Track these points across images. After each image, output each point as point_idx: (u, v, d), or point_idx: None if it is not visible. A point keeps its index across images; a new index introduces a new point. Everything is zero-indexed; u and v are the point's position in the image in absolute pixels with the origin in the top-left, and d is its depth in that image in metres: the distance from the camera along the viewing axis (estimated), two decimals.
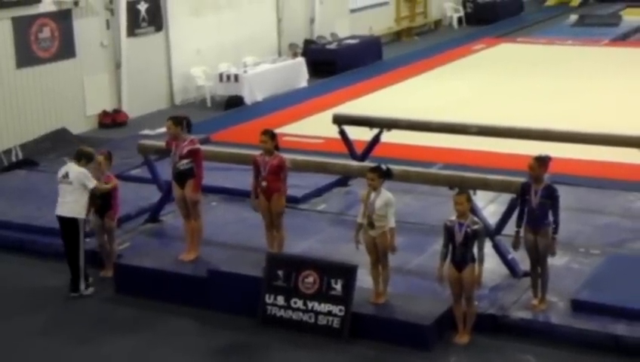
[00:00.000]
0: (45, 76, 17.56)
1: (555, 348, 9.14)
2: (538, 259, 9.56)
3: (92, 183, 10.71)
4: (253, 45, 22.67)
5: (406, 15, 30.50)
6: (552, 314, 9.50)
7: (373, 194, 9.52)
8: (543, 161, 9.53)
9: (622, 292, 9.61)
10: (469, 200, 9.27)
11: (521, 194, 9.61)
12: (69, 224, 10.72)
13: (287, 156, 10.82)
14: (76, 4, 17.92)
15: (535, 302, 9.61)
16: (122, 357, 9.47)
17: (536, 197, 9.39)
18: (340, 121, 14.39)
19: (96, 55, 18.72)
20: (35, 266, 11.84)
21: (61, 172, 10.91)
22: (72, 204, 10.69)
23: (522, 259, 10.11)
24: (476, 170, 12.40)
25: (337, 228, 12.15)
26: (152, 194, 12.69)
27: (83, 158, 10.89)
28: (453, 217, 9.17)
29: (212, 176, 12.53)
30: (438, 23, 32.08)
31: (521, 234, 9.56)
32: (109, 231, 11.25)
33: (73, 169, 10.79)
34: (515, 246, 9.68)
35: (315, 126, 17.58)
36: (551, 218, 9.41)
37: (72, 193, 10.69)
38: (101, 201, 11.10)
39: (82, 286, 10.80)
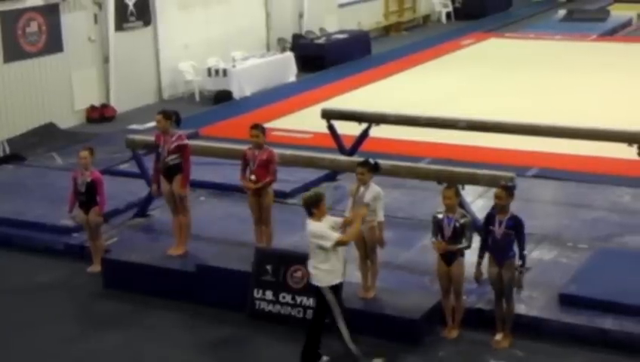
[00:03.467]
0: (33, 71, 17.50)
1: (543, 342, 9.15)
2: (503, 292, 9.05)
3: (329, 241, 8.58)
4: (241, 40, 22.63)
5: (395, 10, 30.51)
6: (540, 309, 9.52)
7: (362, 189, 9.51)
8: (511, 191, 9.10)
9: (610, 286, 9.63)
10: (458, 194, 9.27)
11: (485, 224, 9.11)
12: (317, 292, 8.85)
13: (275, 150, 10.81)
14: None
15: (499, 337, 9.18)
16: (110, 352, 9.44)
17: (500, 227, 8.89)
18: (328, 115, 14.38)
19: (84, 49, 18.67)
20: (23, 261, 11.79)
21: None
22: (313, 269, 8.80)
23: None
24: (465, 164, 12.41)
25: None
26: (141, 189, 12.64)
27: (312, 208, 8.67)
28: (441, 210, 9.16)
29: (200, 171, 12.52)
30: (426, 18, 32.10)
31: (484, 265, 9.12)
32: (95, 226, 11.20)
33: (310, 226, 8.73)
34: (477, 278, 9.17)
35: (304, 120, 17.56)
36: (516, 249, 8.94)
37: (315, 257, 8.75)
38: (85, 197, 11.07)
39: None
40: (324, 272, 8.68)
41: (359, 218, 8.88)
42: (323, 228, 8.63)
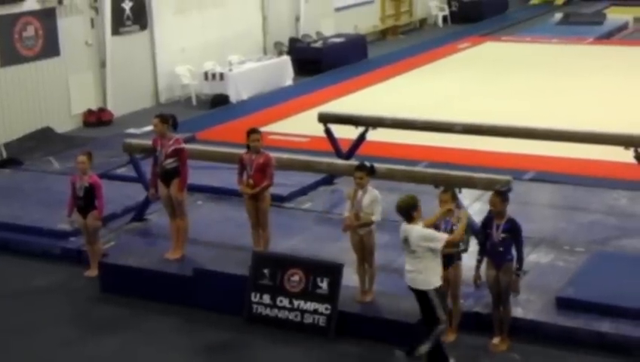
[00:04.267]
0: (30, 75, 17.49)
1: (540, 345, 9.17)
2: (500, 296, 9.07)
3: (440, 242, 8.51)
4: (238, 44, 22.64)
5: (391, 14, 30.53)
6: (537, 312, 9.53)
7: (359, 192, 9.52)
8: (505, 197, 9.10)
9: (607, 289, 9.64)
10: (455, 198, 9.27)
11: (483, 227, 9.15)
12: (422, 296, 8.73)
13: (271, 154, 10.82)
14: (60, 2, 17.89)
15: (496, 340, 9.20)
16: (108, 357, 9.44)
17: (497, 231, 8.93)
18: (325, 119, 14.40)
19: (80, 54, 18.67)
20: (20, 266, 11.78)
21: (400, 235, 8.75)
22: (415, 273, 8.64)
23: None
24: (461, 168, 12.44)
25: (323, 226, 12.15)
26: (138, 193, 12.64)
27: (413, 212, 8.59)
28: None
29: (198, 175, 12.52)
30: (423, 22, 32.11)
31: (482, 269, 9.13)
32: (93, 230, 11.20)
33: (414, 231, 8.59)
34: (476, 282, 9.17)
35: (301, 124, 17.58)
36: (514, 253, 8.97)
37: (419, 261, 8.60)
38: (84, 202, 11.07)
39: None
40: (428, 274, 8.57)
41: (464, 218, 8.89)
42: (430, 231, 8.61)
